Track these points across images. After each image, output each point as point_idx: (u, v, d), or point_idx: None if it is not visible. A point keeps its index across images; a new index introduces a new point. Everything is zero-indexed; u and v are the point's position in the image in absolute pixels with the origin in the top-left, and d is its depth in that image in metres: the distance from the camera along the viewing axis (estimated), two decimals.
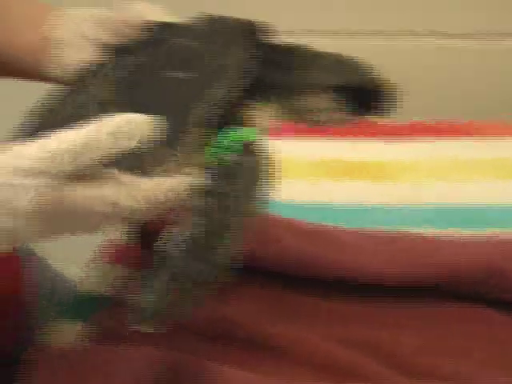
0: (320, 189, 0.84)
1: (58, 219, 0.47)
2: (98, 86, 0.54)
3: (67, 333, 0.68)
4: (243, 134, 0.51)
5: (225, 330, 0.67)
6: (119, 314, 0.68)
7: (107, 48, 0.57)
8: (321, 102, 0.55)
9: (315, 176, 0.86)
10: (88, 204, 0.47)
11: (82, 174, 0.47)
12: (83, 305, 0.72)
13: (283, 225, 0.73)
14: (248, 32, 0.54)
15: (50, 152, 0.45)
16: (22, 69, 0.64)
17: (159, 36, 0.56)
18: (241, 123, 0.52)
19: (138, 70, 0.54)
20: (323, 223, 0.76)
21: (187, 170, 0.50)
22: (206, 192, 0.48)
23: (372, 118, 0.55)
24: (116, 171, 0.48)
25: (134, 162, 0.49)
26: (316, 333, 0.66)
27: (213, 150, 0.50)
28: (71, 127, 0.46)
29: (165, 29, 0.56)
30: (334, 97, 0.54)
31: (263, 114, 0.55)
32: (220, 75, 0.52)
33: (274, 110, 0.55)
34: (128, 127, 0.46)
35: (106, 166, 0.47)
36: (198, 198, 0.48)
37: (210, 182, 0.49)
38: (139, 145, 0.46)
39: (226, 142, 0.50)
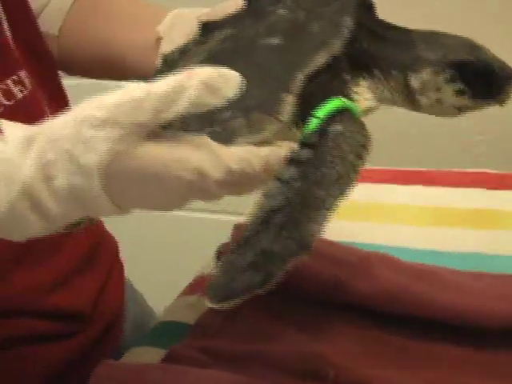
0: (431, 235, 0.78)
1: (134, 184, 0.42)
2: (189, 62, 0.52)
3: (148, 358, 0.64)
4: (341, 104, 0.47)
5: (314, 367, 0.61)
6: (200, 343, 0.65)
7: (202, 25, 0.55)
8: (435, 81, 0.49)
9: (426, 222, 0.80)
10: (167, 166, 0.41)
11: (160, 135, 0.42)
12: (167, 333, 0.69)
13: (380, 260, 0.68)
14: (356, 5, 0.50)
15: (130, 98, 0.40)
16: (133, 68, 0.63)
17: (259, 7, 0.53)
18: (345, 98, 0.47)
19: (235, 40, 0.52)
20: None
21: (282, 141, 0.46)
22: (297, 162, 0.44)
23: (490, 106, 0.50)
24: (203, 135, 0.43)
25: (224, 127, 0.46)
26: (419, 379, 0.59)
27: (310, 120, 0.46)
28: None
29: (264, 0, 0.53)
30: (449, 77, 0.49)
31: (370, 91, 0.51)
32: (322, 43, 0.48)
33: (382, 88, 0.51)
34: (221, 79, 0.41)
35: (190, 129, 0.43)
36: (287, 169, 0.44)
37: (302, 152, 0.44)
38: (226, 102, 0.41)
39: (322, 113, 0.46)
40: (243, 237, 0.43)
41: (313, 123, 0.46)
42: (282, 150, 0.45)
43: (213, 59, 0.51)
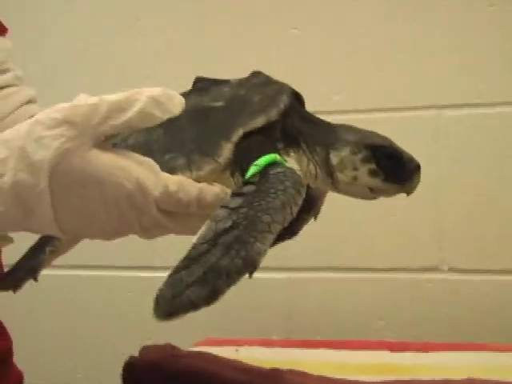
0: None
1: (77, 187, 0.44)
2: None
3: None
4: (278, 158, 0.53)
5: None
6: None
7: None
8: (352, 159, 0.56)
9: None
10: (111, 173, 0.44)
11: (109, 148, 0.45)
12: None
13: (289, 371, 0.70)
14: (292, 91, 0.59)
15: (86, 103, 0.44)
16: None
17: (204, 88, 0.60)
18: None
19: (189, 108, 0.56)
20: None
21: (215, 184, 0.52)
22: (241, 194, 0.49)
23: (397, 192, 0.57)
24: (147, 158, 0.48)
25: (165, 165, 0.50)
26: None
27: (250, 167, 0.51)
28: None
29: (211, 83, 0.60)
30: (365, 157, 0.56)
31: (297, 163, 0.57)
32: (261, 110, 0.56)
33: (307, 161, 0.58)
34: (166, 96, 0.47)
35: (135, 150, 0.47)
36: (232, 199, 0.48)
37: (245, 187, 0.49)
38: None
39: (262, 162, 0.52)
40: (191, 256, 0.45)
41: (253, 169, 0.51)
42: (216, 187, 0.51)
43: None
